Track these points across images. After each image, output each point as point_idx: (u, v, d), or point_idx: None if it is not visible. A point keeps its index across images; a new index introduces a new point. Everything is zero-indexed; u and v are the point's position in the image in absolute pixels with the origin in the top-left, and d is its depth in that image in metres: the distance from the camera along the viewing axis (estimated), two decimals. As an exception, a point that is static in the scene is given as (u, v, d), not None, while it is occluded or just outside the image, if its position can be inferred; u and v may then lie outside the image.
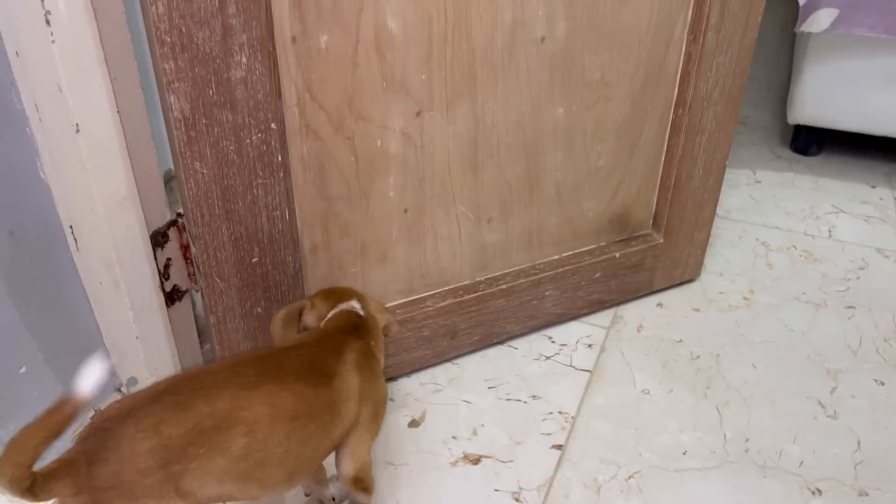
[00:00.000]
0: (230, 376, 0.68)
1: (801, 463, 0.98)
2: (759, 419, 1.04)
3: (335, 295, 0.84)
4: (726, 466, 0.98)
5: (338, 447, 0.78)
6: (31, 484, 0.57)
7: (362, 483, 0.80)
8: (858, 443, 1.01)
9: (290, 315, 0.81)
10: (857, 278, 1.34)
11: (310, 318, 0.82)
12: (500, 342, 1.19)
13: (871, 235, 1.47)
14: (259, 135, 0.81)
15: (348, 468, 0.79)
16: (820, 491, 0.94)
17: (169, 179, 0.89)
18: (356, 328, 0.81)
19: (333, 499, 0.90)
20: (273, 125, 0.82)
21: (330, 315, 0.82)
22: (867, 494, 0.94)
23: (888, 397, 1.08)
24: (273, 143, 0.83)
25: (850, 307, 1.27)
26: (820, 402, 1.07)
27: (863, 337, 1.20)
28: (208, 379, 0.68)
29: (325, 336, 0.78)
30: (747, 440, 1.01)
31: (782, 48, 2.39)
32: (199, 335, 1.03)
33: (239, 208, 0.85)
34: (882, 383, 1.11)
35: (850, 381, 1.11)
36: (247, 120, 0.80)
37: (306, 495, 0.93)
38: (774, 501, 0.93)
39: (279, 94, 0.81)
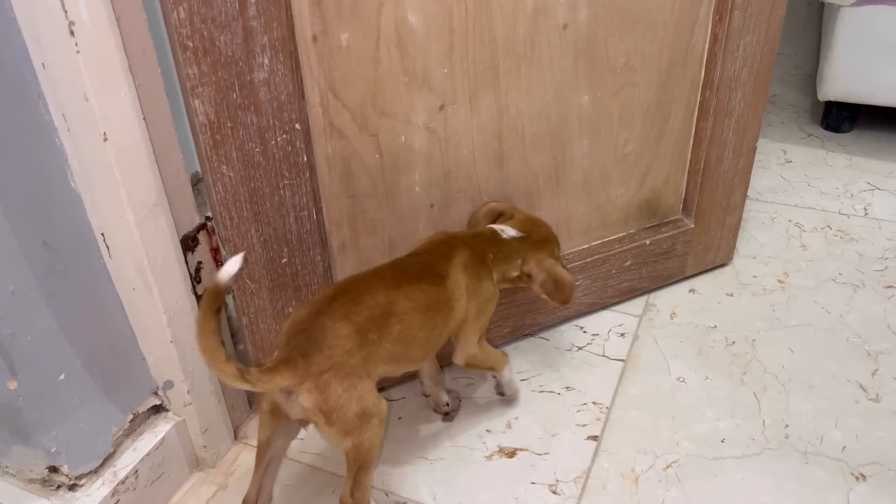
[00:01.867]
0: (377, 280, 0.81)
1: (844, 448, 0.96)
2: (799, 404, 1.03)
3: (519, 219, 0.96)
4: (766, 453, 0.96)
5: (453, 338, 0.91)
6: (237, 366, 0.68)
7: (476, 367, 0.95)
8: (903, 426, 0.99)
9: (492, 212, 0.97)
10: (896, 257, 1.31)
11: (501, 220, 0.96)
12: (531, 334, 1.18)
13: (908, 212, 1.43)
14: (284, 136, 0.81)
15: (459, 358, 0.93)
16: (864, 476, 0.92)
17: (196, 182, 0.90)
18: (487, 242, 0.91)
19: (447, 404, 1.03)
20: (297, 125, 0.82)
21: (487, 225, 0.95)
22: (914, 479, 0.92)
23: (932, 378, 1.06)
24: (298, 143, 0.83)
25: (889, 287, 1.24)
26: (861, 385, 1.05)
27: (904, 317, 1.17)
28: (363, 282, 0.81)
29: (440, 244, 0.90)
30: (787, 426, 1.00)
31: (809, 22, 2.33)
32: (233, 336, 1.04)
33: (267, 210, 0.85)
34: (925, 364, 1.08)
35: (892, 363, 1.08)
36: (271, 121, 0.80)
37: (425, 395, 1.05)
38: (817, 488, 0.91)
39: (302, 95, 0.81)
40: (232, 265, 0.70)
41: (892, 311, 1.18)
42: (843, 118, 1.70)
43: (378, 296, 0.79)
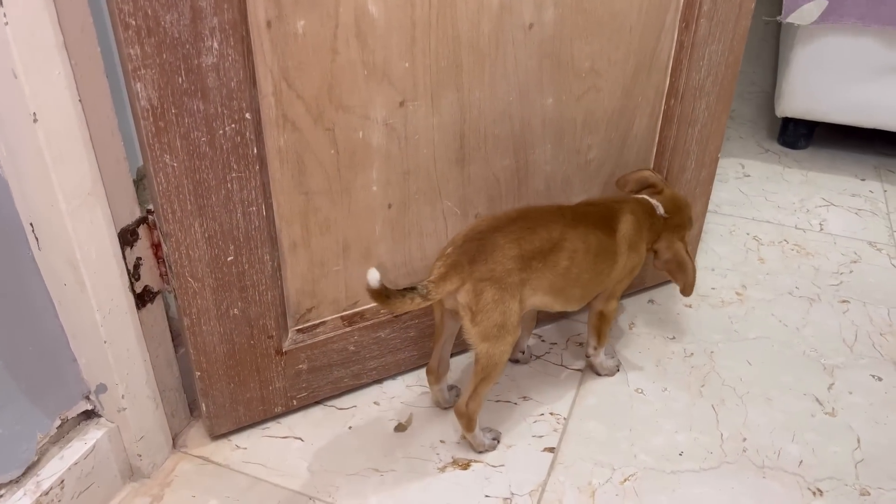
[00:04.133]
0: (557, 216, 0.90)
1: (801, 462, 0.95)
2: (756, 417, 1.01)
3: (666, 196, 1.01)
4: (724, 467, 0.94)
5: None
6: (417, 295, 0.81)
7: (602, 325, 1.02)
8: (858, 440, 0.98)
9: (643, 180, 1.03)
10: (850, 272, 1.32)
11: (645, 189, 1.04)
12: (489, 342, 1.14)
13: (862, 228, 1.44)
14: (233, 125, 0.77)
15: (599, 304, 1.01)
16: (821, 491, 0.91)
17: (141, 178, 0.84)
18: (646, 213, 0.98)
19: (522, 352, 1.10)
20: (248, 115, 0.77)
21: (639, 194, 1.02)
22: (869, 494, 0.91)
23: (886, 393, 1.06)
24: (248, 134, 0.78)
25: (844, 301, 1.24)
26: (817, 399, 1.05)
27: (858, 331, 1.17)
28: (543, 215, 0.90)
29: (612, 202, 0.98)
30: (745, 439, 0.98)
31: (766, 41, 2.38)
32: (175, 338, 0.98)
33: (212, 203, 0.80)
34: (879, 379, 1.08)
35: (847, 377, 1.08)
36: (219, 109, 0.75)
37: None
38: (775, 503, 0.90)
39: (254, 83, 0.77)
40: (372, 276, 0.78)
41: (846, 325, 1.19)
42: (799, 135, 1.72)
43: (554, 231, 0.87)
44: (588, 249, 0.90)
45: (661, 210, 1.00)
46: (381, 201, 0.93)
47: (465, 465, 0.94)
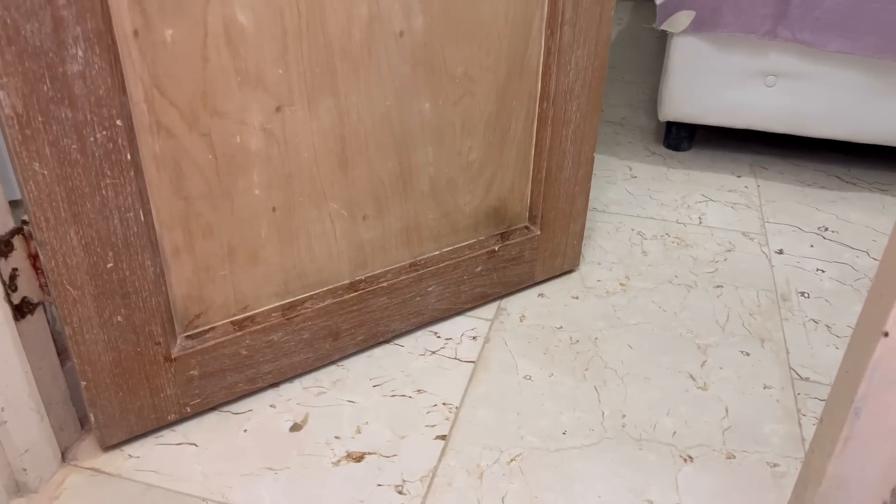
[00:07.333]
0: None
1: (674, 433, 1.02)
2: (635, 395, 1.08)
3: None
4: (604, 443, 1.00)
5: None
6: None
7: None
8: (726, 410, 1.06)
9: None
10: (725, 260, 1.42)
11: None
12: (387, 341, 1.18)
13: (737, 220, 1.55)
14: (104, 132, 0.78)
15: None
16: (691, 458, 0.98)
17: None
18: None
19: None
20: (119, 122, 0.79)
21: None
22: (734, 457, 0.98)
23: (752, 366, 1.14)
24: (120, 140, 0.80)
25: (718, 286, 1.34)
26: (691, 376, 1.12)
27: (730, 313, 1.27)
28: None
29: None
30: (624, 416, 1.05)
31: (657, 53, 2.52)
32: (63, 352, 0.97)
33: (87, 210, 0.81)
34: (748, 354, 1.17)
35: (719, 354, 1.17)
36: (88, 116, 0.77)
37: None
38: (649, 471, 0.96)
39: (123, 90, 0.79)
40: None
41: (720, 308, 1.28)
42: (682, 137, 1.84)
43: None
44: None
45: None
46: (265, 204, 0.96)
47: (359, 458, 0.97)
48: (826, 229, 1.54)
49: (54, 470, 0.94)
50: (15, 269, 0.84)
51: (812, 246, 1.48)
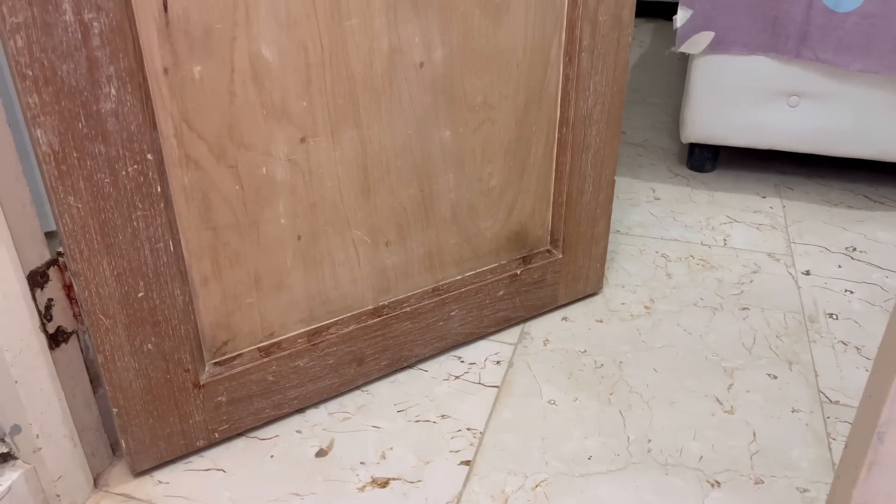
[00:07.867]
0: None
1: (701, 458, 1.01)
2: (661, 420, 1.07)
3: None
4: (630, 468, 1.00)
5: None
6: None
7: None
8: (754, 434, 1.05)
9: None
10: (751, 281, 1.40)
11: None
12: (410, 366, 1.19)
13: (762, 241, 1.54)
14: (135, 166, 0.81)
15: None
16: (719, 483, 0.97)
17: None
18: None
19: None
20: (149, 156, 0.82)
21: None
22: (763, 482, 0.97)
23: (780, 389, 1.13)
24: (150, 174, 0.83)
25: (744, 308, 1.32)
26: (717, 399, 1.11)
27: (756, 335, 1.25)
28: None
29: None
30: (649, 441, 1.04)
31: (681, 76, 2.53)
32: (96, 379, 1.00)
33: (119, 242, 0.84)
34: (775, 377, 1.16)
35: (746, 378, 1.16)
36: (121, 152, 0.80)
37: None
38: (676, 497, 0.95)
39: (154, 125, 0.82)
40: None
41: (746, 330, 1.27)
42: (705, 158, 1.84)
43: None
44: None
45: None
46: (291, 233, 0.98)
47: (384, 484, 0.98)
48: (854, 249, 1.52)
49: (87, 496, 0.96)
50: (51, 300, 0.87)
51: (840, 266, 1.46)
